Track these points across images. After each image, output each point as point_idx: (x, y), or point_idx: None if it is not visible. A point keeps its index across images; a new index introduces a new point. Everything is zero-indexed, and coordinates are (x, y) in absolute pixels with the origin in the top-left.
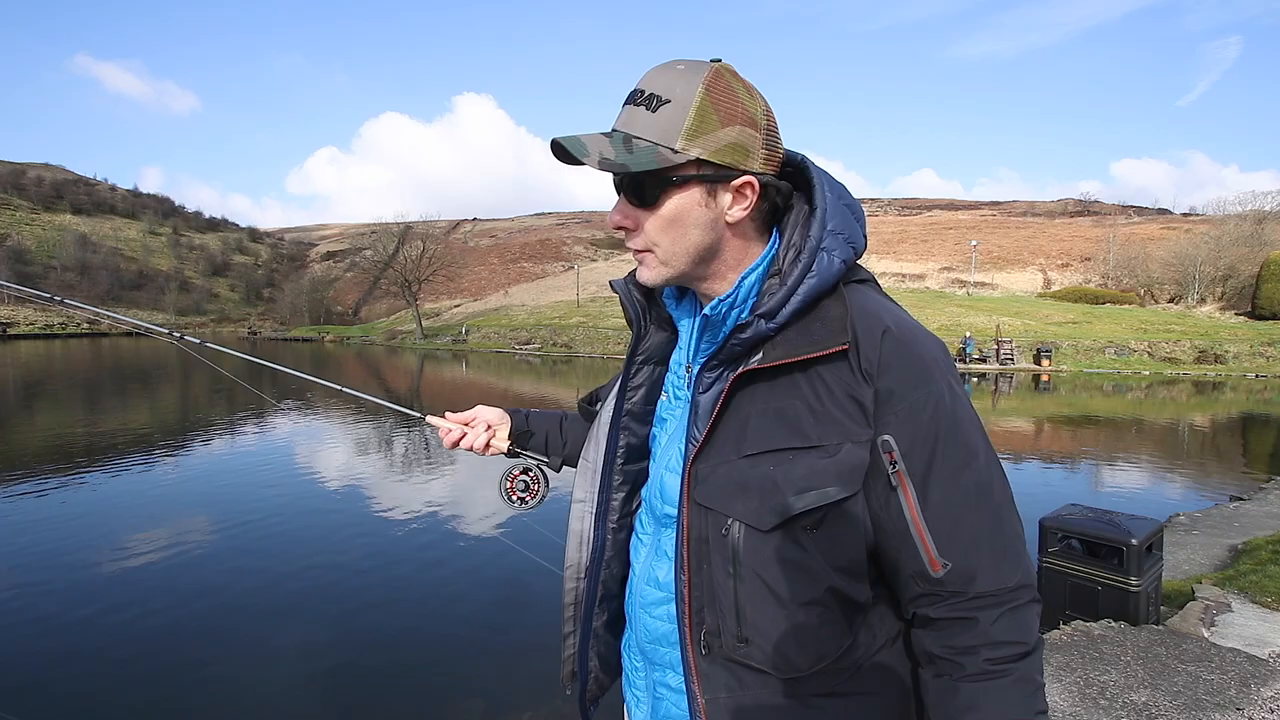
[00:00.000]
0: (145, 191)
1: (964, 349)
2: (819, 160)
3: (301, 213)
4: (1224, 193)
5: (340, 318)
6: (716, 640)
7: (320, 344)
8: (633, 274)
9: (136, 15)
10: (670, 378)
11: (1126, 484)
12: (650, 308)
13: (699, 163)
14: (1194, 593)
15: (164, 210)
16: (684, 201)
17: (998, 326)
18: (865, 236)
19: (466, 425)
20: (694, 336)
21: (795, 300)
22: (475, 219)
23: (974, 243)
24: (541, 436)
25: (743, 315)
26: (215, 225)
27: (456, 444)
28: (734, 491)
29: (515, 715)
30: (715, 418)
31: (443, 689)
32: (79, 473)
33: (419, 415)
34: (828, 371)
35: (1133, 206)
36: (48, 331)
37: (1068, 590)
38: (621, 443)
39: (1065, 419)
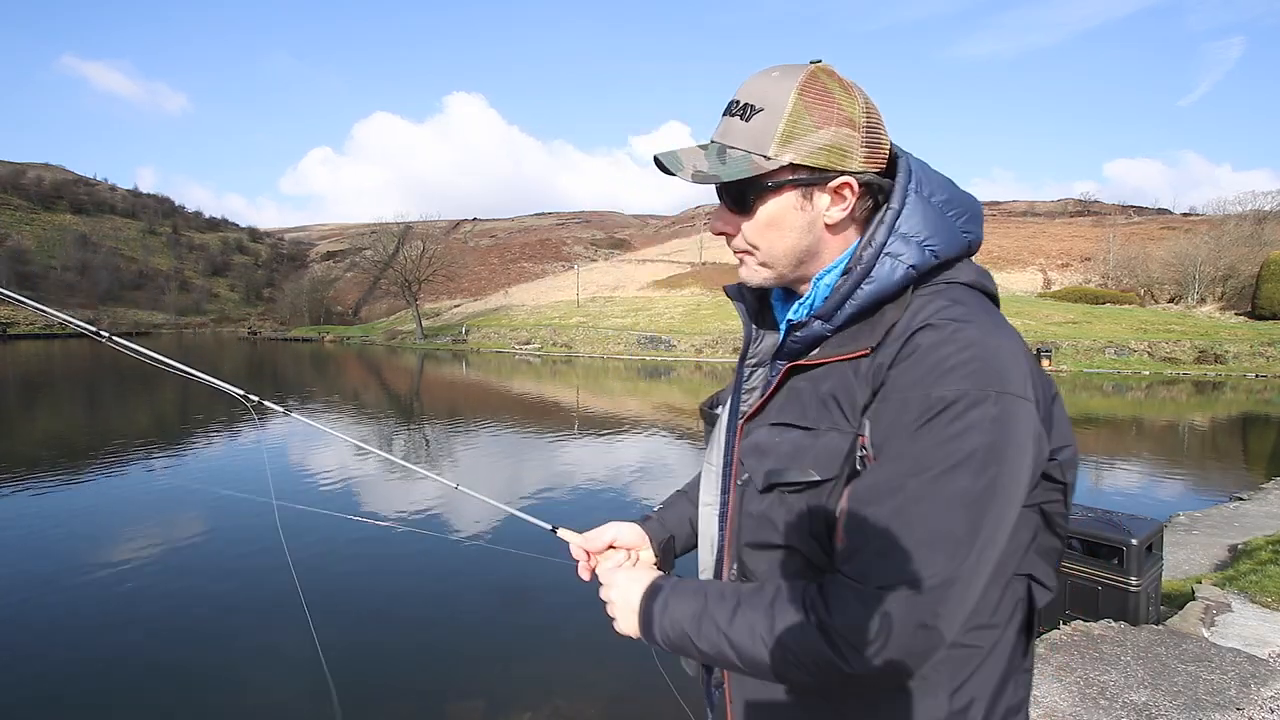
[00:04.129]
0: (145, 191)
1: None
2: None
3: (298, 213)
4: (1220, 192)
5: (340, 318)
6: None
7: (320, 344)
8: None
9: (122, 15)
10: None
11: (1126, 484)
12: (762, 311)
13: (793, 167)
14: (1194, 593)
15: (163, 210)
16: (779, 206)
17: None
18: (969, 235)
19: (602, 552)
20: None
21: (850, 305)
22: (475, 219)
23: None
24: (683, 532)
25: (812, 308)
26: (215, 225)
27: (594, 574)
28: (755, 450)
29: (515, 715)
30: (767, 397)
31: (443, 689)
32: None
33: (549, 528)
34: (851, 368)
35: (1132, 206)
36: (48, 331)
37: (1068, 590)
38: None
39: None
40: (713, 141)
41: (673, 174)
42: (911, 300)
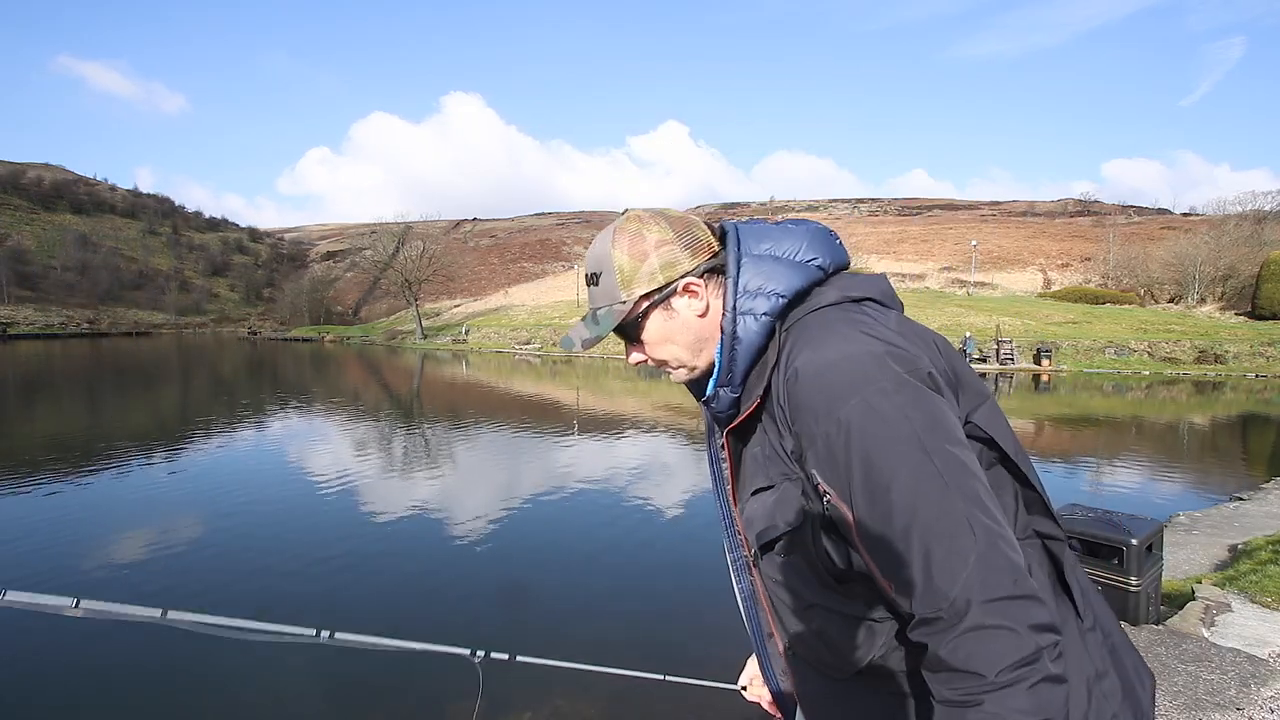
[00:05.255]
0: (145, 191)
1: (964, 349)
2: (811, 159)
3: (296, 213)
4: (1219, 192)
5: (340, 318)
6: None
7: (320, 344)
8: None
9: (119, 15)
10: None
11: (1126, 484)
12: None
13: (644, 296)
14: (1194, 593)
15: (163, 210)
16: (654, 325)
17: (998, 326)
18: (816, 261)
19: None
20: None
21: (738, 365)
22: (475, 219)
23: (974, 243)
24: None
25: (715, 381)
26: (215, 225)
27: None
28: (746, 524)
29: (515, 715)
30: (731, 469)
31: (443, 689)
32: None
33: (739, 688)
34: (766, 419)
35: (1132, 206)
36: (48, 331)
37: None
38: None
39: (1065, 419)
40: (589, 309)
41: (572, 350)
42: (785, 338)
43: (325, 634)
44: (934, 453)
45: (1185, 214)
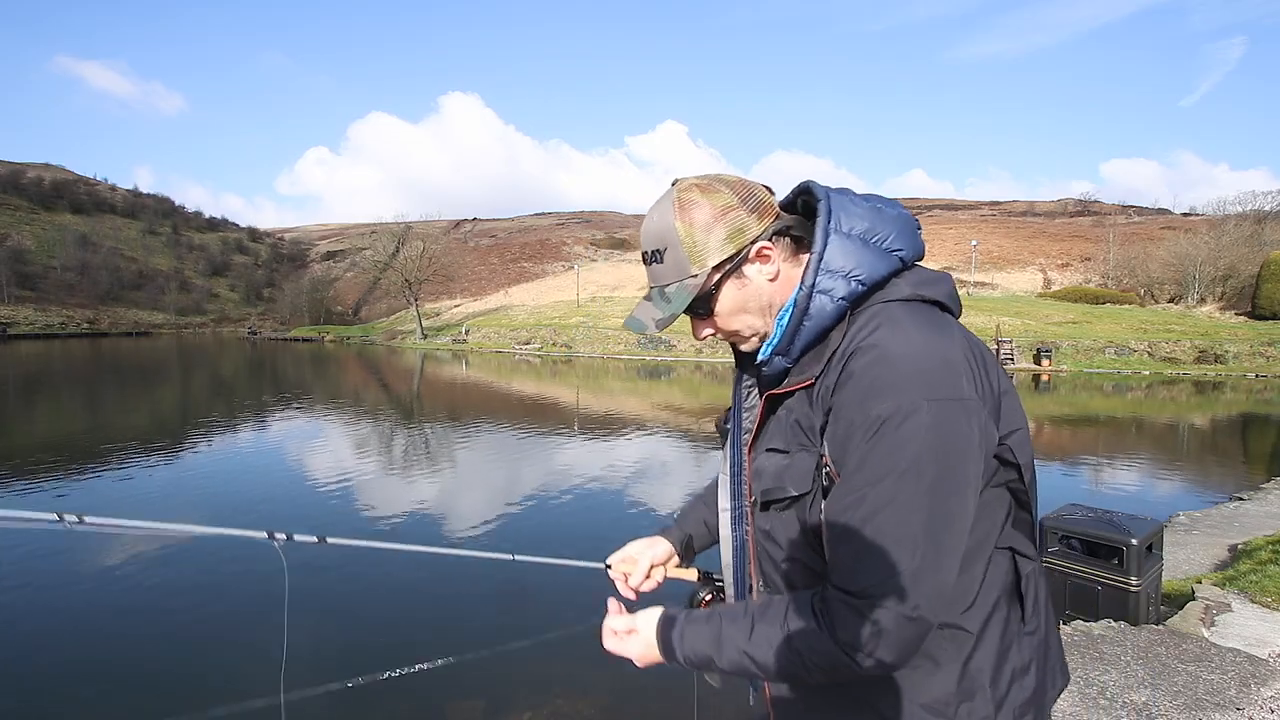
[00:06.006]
0: (144, 191)
1: None
2: (810, 159)
3: (295, 213)
4: (1217, 191)
5: (340, 318)
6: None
7: (320, 344)
8: None
9: (116, 15)
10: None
11: (1126, 484)
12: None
13: (716, 267)
14: (1194, 593)
15: (163, 210)
16: (728, 296)
17: (998, 326)
18: (900, 253)
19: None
20: None
21: (799, 340)
22: (475, 219)
23: (974, 243)
24: (700, 533)
25: (773, 346)
26: (215, 225)
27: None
28: (755, 474)
29: (515, 715)
30: (758, 425)
31: (443, 689)
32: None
33: (604, 566)
34: (807, 394)
35: (1132, 206)
36: (48, 331)
37: (1068, 590)
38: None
39: (1065, 419)
40: (651, 288)
41: (644, 332)
42: (850, 324)
43: (71, 518)
44: (935, 491)
45: (1185, 214)
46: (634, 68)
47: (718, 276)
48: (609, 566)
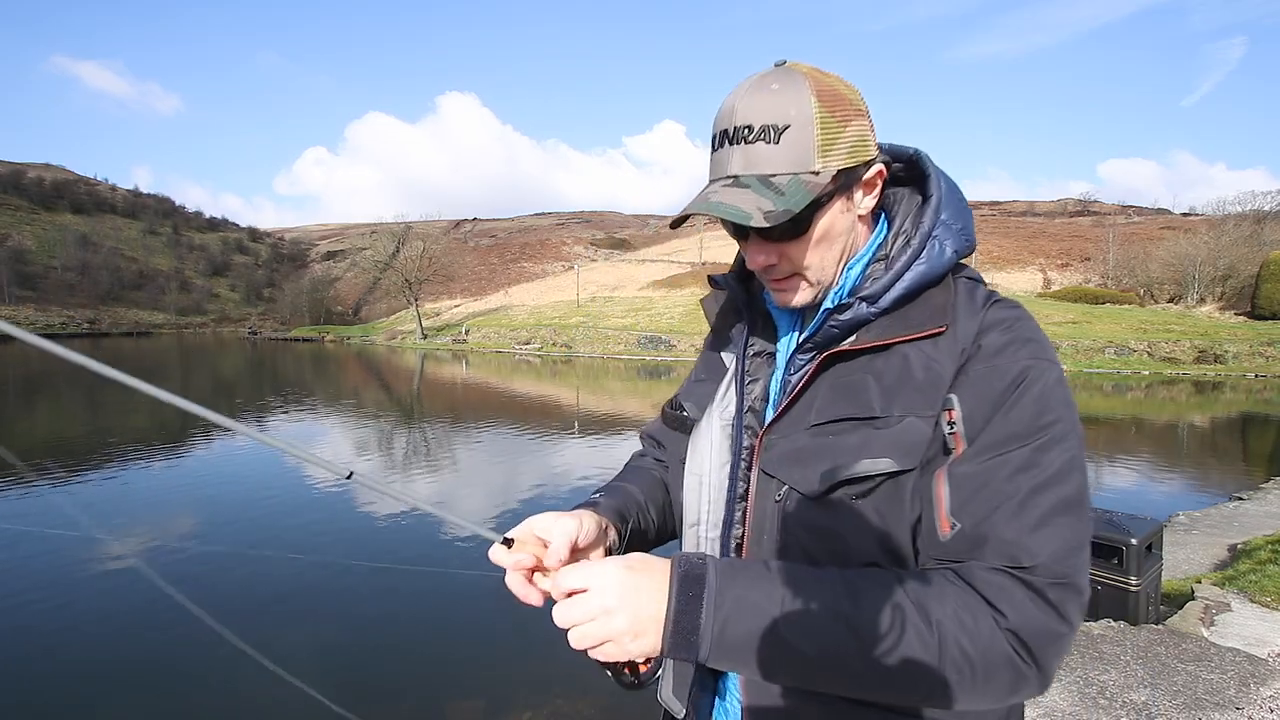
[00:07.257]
0: (145, 191)
1: None
2: None
3: (294, 213)
4: (1215, 191)
5: (340, 318)
6: None
7: (320, 344)
8: (735, 272)
9: (114, 15)
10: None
11: (1126, 484)
12: (750, 301)
13: (840, 173)
14: (1194, 592)
15: (163, 210)
16: (830, 217)
17: None
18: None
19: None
20: (798, 324)
21: (900, 286)
22: (475, 219)
23: None
24: (644, 523)
25: (842, 296)
26: (215, 225)
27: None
28: (792, 458)
29: (515, 715)
30: (796, 394)
31: (443, 689)
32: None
33: (496, 537)
34: (914, 350)
35: (1132, 206)
36: (48, 331)
37: None
38: (746, 444)
39: None
40: (741, 176)
41: (740, 225)
42: (954, 284)
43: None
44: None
45: (1185, 214)
46: (632, 68)
47: (832, 187)
48: (509, 543)
